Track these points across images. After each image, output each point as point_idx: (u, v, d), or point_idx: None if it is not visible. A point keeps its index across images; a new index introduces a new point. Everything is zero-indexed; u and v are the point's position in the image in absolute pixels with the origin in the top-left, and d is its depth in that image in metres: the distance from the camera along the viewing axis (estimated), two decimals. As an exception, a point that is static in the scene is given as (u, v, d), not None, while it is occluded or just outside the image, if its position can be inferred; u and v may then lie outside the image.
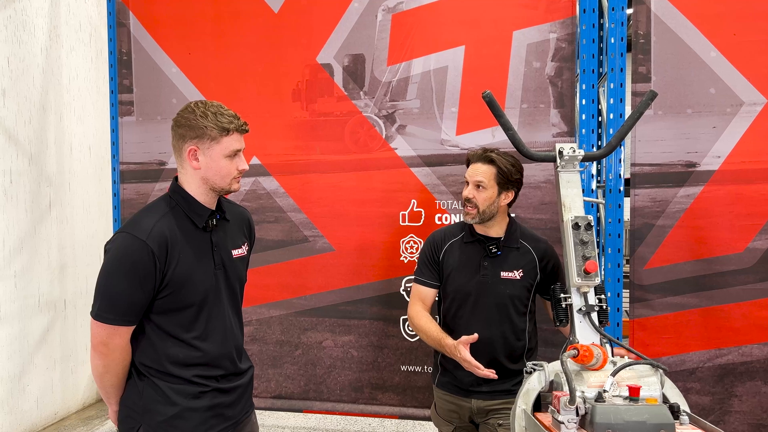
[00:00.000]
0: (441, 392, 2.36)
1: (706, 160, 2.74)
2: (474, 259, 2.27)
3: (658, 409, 1.52)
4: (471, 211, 2.22)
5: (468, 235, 2.31)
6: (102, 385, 1.81)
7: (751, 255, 2.70)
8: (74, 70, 4.35)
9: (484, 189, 2.20)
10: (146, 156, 3.36)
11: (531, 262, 2.25)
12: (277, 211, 3.22)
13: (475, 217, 2.22)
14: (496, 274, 2.23)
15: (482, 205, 2.20)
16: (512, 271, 2.24)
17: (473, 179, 2.22)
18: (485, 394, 2.24)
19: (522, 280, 2.23)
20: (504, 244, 2.26)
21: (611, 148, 2.12)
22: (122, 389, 1.82)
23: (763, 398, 2.72)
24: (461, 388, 2.28)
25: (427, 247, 2.38)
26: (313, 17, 3.15)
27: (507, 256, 2.25)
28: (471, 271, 2.26)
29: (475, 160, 2.24)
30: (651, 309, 2.79)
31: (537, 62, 2.92)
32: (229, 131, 1.75)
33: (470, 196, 2.21)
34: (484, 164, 2.21)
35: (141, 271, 1.67)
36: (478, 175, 2.21)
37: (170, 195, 1.82)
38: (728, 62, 2.69)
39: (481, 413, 2.26)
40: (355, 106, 3.13)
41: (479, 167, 2.22)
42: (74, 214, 4.36)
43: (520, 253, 2.26)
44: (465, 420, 2.31)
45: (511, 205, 2.29)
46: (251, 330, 3.27)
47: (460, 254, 2.31)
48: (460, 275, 2.28)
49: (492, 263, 2.25)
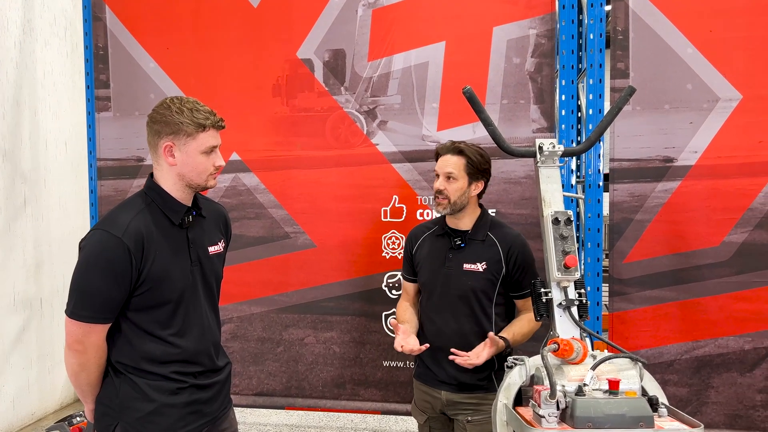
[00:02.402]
0: (417, 383, 2.41)
1: (683, 155, 2.77)
2: (441, 252, 2.32)
3: (637, 402, 1.54)
4: (443, 202, 2.26)
5: (439, 229, 2.36)
6: (77, 383, 1.80)
7: (727, 248, 2.75)
8: (49, 64, 4.27)
9: (454, 180, 2.23)
10: (124, 152, 3.31)
11: (496, 254, 2.26)
12: (258, 208, 3.20)
13: (447, 207, 2.26)
14: (459, 267, 2.26)
15: (453, 195, 2.24)
16: (475, 263, 2.25)
17: (444, 171, 2.25)
18: (453, 386, 2.27)
19: (485, 273, 2.25)
20: (470, 237, 2.29)
21: (590, 143, 2.14)
22: (98, 388, 1.81)
23: (738, 389, 2.77)
24: (433, 380, 2.32)
25: (406, 243, 2.48)
26: (293, 12, 3.12)
27: (471, 248, 2.28)
28: (437, 264, 2.31)
29: (445, 152, 2.28)
30: (630, 303, 2.83)
31: (517, 58, 2.93)
32: (205, 127, 1.73)
33: (441, 188, 2.25)
34: (454, 155, 2.25)
35: (117, 268, 1.66)
36: (449, 166, 2.24)
37: (146, 191, 1.80)
38: (704, 58, 2.73)
39: (451, 405, 2.29)
40: (336, 102, 3.11)
41: (449, 159, 2.25)
42: (50, 211, 4.29)
43: (485, 245, 2.27)
44: (437, 411, 2.35)
45: (481, 196, 2.33)
46: (232, 327, 3.25)
47: (429, 247, 2.36)
48: (427, 268, 2.34)
49: (456, 255, 2.28)
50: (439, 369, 2.29)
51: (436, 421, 2.38)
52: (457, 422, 2.31)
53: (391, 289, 3.10)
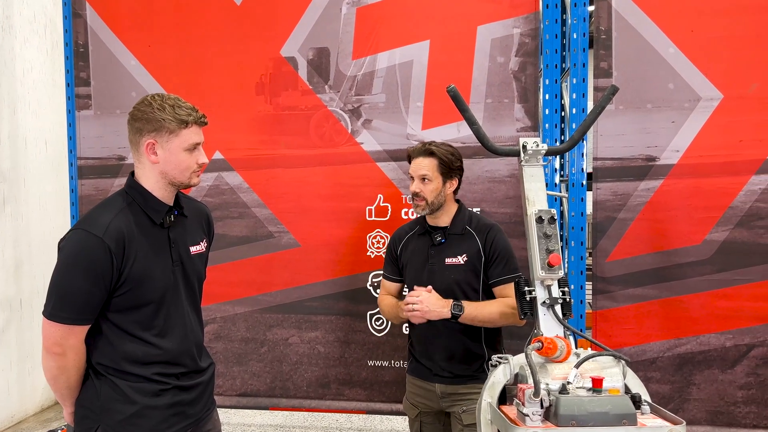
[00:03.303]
0: (411, 378, 2.45)
1: (665, 154, 2.79)
2: (423, 250, 2.38)
3: (620, 399, 1.55)
4: (420, 203, 2.32)
5: (420, 228, 2.42)
6: (56, 387, 1.77)
7: (709, 247, 2.77)
8: (28, 62, 4.21)
9: (429, 181, 2.29)
10: (105, 151, 3.27)
11: (474, 245, 2.32)
12: (241, 207, 3.17)
13: (425, 208, 2.32)
14: (442, 261, 2.33)
15: (430, 196, 2.30)
16: (456, 256, 2.32)
17: (418, 174, 2.31)
18: (447, 378, 2.32)
19: (466, 265, 2.31)
20: (449, 232, 2.35)
21: (574, 142, 2.14)
22: (78, 390, 1.78)
23: (719, 386, 2.80)
24: (428, 374, 2.36)
25: (389, 244, 2.54)
26: (277, 10, 3.10)
27: (451, 243, 2.34)
28: (421, 262, 2.37)
29: (417, 155, 2.33)
30: (613, 301, 2.84)
31: (501, 57, 2.94)
32: (188, 124, 1.72)
33: (417, 190, 2.31)
34: (426, 158, 2.31)
35: (98, 268, 1.64)
36: (422, 169, 2.30)
37: (126, 191, 1.78)
38: (686, 58, 2.75)
39: (445, 397, 2.32)
40: (320, 100, 3.10)
41: (421, 161, 2.31)
42: (30, 211, 4.23)
43: (464, 238, 2.34)
44: (432, 405, 2.37)
45: (456, 192, 2.39)
46: (216, 328, 3.22)
47: (413, 247, 2.43)
48: (412, 266, 2.40)
49: (437, 251, 2.34)
50: (432, 363, 2.34)
51: (428, 416, 2.41)
52: (453, 415, 2.34)
53: (376, 289, 3.09)
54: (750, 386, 2.78)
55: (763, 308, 2.75)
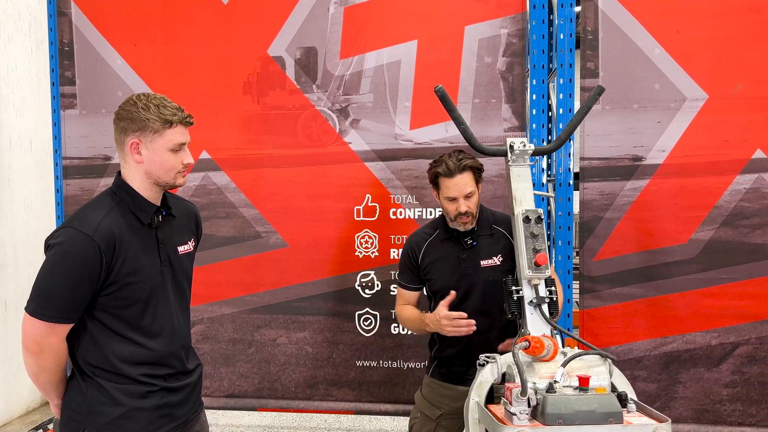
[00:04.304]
0: (437, 380, 2.36)
1: (651, 154, 2.81)
2: (453, 255, 2.28)
3: (607, 398, 1.56)
4: (467, 220, 2.20)
5: (443, 233, 2.32)
6: (39, 383, 1.76)
7: (695, 246, 2.79)
8: (12, 61, 4.16)
9: (472, 195, 2.19)
10: (90, 150, 3.24)
11: (507, 245, 2.25)
12: (229, 207, 3.16)
13: (473, 222, 2.23)
14: (477, 264, 2.24)
15: (475, 210, 2.22)
16: (491, 258, 2.25)
17: (464, 193, 2.17)
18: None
19: (502, 265, 2.23)
20: (478, 234, 2.27)
21: (561, 142, 2.16)
22: (62, 384, 1.77)
23: (705, 384, 2.82)
24: (460, 377, 2.28)
25: (406, 251, 2.38)
26: (264, 9, 3.09)
27: (483, 244, 2.26)
28: (452, 267, 2.27)
29: (456, 173, 2.16)
30: (600, 300, 2.86)
31: (488, 57, 2.94)
32: (172, 123, 1.70)
33: (465, 209, 2.18)
34: (464, 173, 2.18)
35: (86, 267, 1.63)
36: (467, 186, 2.17)
37: (114, 190, 1.77)
38: (671, 59, 2.77)
39: None
40: (308, 100, 3.09)
41: (463, 178, 2.17)
42: (14, 211, 4.18)
43: (494, 239, 2.27)
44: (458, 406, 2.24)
45: None
46: (203, 328, 3.20)
47: (438, 252, 2.31)
48: (442, 273, 2.29)
49: (470, 255, 2.26)
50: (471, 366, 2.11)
51: (449, 418, 2.31)
52: None
53: (365, 289, 3.09)
54: (735, 384, 2.80)
55: (748, 307, 2.77)
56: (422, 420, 2.37)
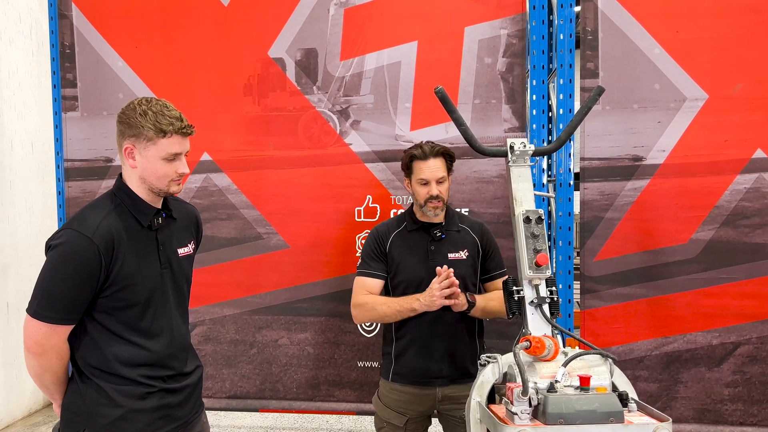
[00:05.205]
0: (396, 385, 2.34)
1: (651, 154, 2.81)
2: (421, 246, 2.34)
3: (608, 397, 1.56)
4: (439, 205, 2.28)
5: (411, 224, 2.38)
6: (42, 384, 1.77)
7: (695, 245, 2.79)
8: (14, 63, 4.17)
9: (444, 181, 2.29)
10: (92, 153, 3.24)
11: (473, 242, 2.36)
12: (230, 208, 3.16)
13: (443, 209, 2.31)
14: (444, 257, 2.30)
15: (445, 196, 2.30)
16: (458, 251, 2.32)
17: (436, 176, 2.26)
18: (447, 379, 2.28)
19: (468, 260, 2.33)
20: (446, 228, 2.34)
21: (561, 142, 2.16)
22: (65, 384, 1.78)
23: (706, 384, 2.82)
24: (422, 377, 2.29)
25: (372, 240, 2.40)
26: (265, 11, 3.09)
27: (451, 238, 2.34)
28: (420, 258, 2.33)
29: (430, 156, 2.27)
30: (601, 300, 2.86)
31: (488, 58, 2.95)
32: (167, 133, 1.69)
33: (437, 193, 2.26)
34: (438, 158, 2.29)
35: (86, 268, 1.64)
36: (440, 170, 2.28)
37: (115, 192, 1.78)
38: (671, 59, 2.77)
39: (446, 401, 2.29)
40: (309, 101, 3.10)
41: (435, 163, 2.28)
42: (16, 214, 4.19)
43: (461, 235, 2.36)
44: (423, 410, 2.33)
45: None
46: (204, 330, 3.21)
47: (405, 243, 2.36)
48: (409, 263, 2.33)
49: (438, 247, 2.33)
50: (431, 364, 2.27)
51: (415, 422, 2.34)
52: (449, 419, 2.30)
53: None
54: (736, 384, 2.80)
55: (748, 306, 2.77)
56: (389, 429, 2.36)
